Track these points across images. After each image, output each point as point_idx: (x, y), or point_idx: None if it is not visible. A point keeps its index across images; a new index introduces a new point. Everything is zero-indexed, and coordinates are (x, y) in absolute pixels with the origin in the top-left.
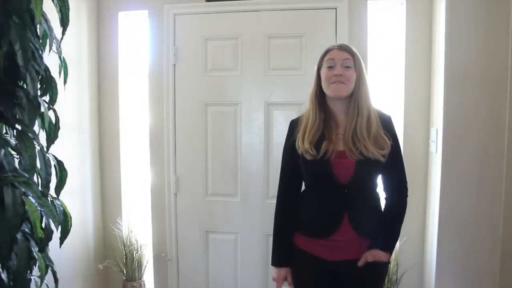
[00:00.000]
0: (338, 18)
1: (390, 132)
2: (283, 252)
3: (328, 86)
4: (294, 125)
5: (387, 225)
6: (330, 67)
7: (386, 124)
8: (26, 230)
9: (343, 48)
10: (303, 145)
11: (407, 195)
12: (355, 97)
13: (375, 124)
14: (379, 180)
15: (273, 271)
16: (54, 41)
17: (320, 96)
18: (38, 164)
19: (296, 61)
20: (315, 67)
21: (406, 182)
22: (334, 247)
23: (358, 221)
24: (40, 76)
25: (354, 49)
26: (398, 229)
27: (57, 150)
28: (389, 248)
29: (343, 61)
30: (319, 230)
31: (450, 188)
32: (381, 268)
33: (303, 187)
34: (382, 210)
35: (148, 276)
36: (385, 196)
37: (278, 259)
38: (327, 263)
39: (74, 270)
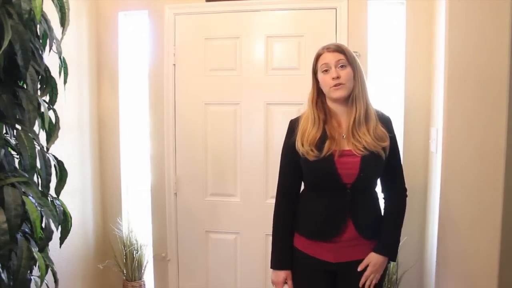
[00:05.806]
0: (338, 18)
1: (390, 132)
2: (284, 253)
3: (329, 91)
4: (294, 125)
5: (388, 228)
6: (325, 71)
7: (386, 123)
8: (26, 230)
9: (333, 49)
10: (303, 148)
11: (406, 196)
12: (353, 92)
13: (373, 118)
14: (378, 181)
15: (272, 274)
16: (54, 41)
17: (318, 98)
18: (38, 164)
19: (296, 61)
20: (312, 71)
21: (404, 183)
22: (337, 249)
23: (362, 222)
24: (40, 76)
25: (344, 47)
26: (399, 232)
27: (57, 150)
28: (391, 252)
29: (336, 63)
30: (322, 233)
31: (450, 188)
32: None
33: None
34: (382, 211)
35: (148, 276)
36: (383, 197)
37: (278, 261)
38: (329, 265)
39: (74, 270)
